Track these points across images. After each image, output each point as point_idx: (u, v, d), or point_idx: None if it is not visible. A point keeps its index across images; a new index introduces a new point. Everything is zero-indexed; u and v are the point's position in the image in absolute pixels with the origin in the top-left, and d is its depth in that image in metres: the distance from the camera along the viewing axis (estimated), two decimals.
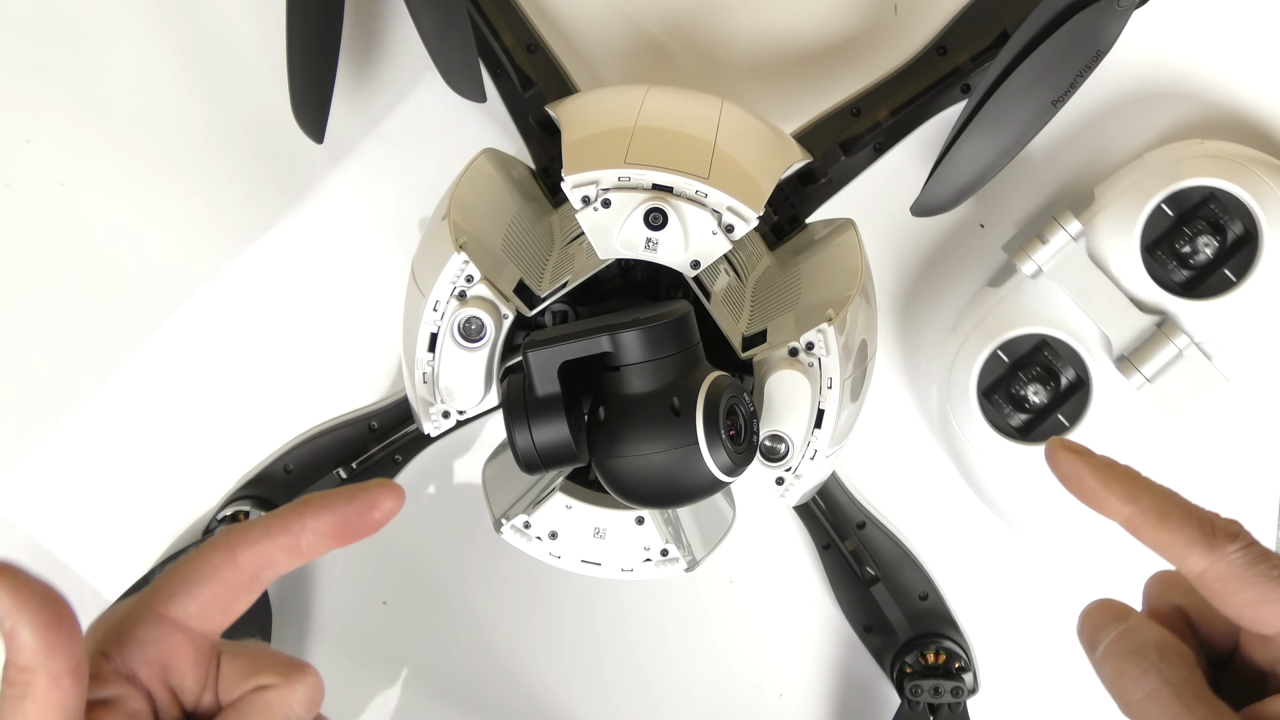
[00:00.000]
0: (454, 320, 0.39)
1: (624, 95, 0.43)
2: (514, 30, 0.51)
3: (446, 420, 0.41)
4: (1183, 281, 0.49)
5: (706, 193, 0.38)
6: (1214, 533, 0.30)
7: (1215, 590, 0.30)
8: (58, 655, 0.27)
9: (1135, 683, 0.30)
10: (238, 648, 0.32)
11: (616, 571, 0.42)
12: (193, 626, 0.31)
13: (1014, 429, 0.51)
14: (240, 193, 0.55)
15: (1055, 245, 0.49)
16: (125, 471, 0.56)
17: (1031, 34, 0.45)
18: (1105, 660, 0.31)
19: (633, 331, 0.36)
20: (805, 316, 0.39)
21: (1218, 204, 0.49)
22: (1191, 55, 0.52)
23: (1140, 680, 0.30)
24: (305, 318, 0.55)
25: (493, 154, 0.46)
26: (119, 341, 0.55)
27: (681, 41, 0.53)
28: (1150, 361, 0.48)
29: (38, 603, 0.27)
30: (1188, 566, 0.30)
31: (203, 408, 0.56)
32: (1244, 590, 0.29)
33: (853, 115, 0.49)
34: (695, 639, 0.56)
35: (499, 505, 0.43)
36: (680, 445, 0.35)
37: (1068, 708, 0.55)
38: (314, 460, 0.54)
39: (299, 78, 0.50)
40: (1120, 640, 0.31)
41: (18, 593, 0.27)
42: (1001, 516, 0.53)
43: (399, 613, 0.57)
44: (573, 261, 0.41)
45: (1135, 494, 0.31)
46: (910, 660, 0.52)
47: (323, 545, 0.32)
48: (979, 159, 0.46)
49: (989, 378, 0.51)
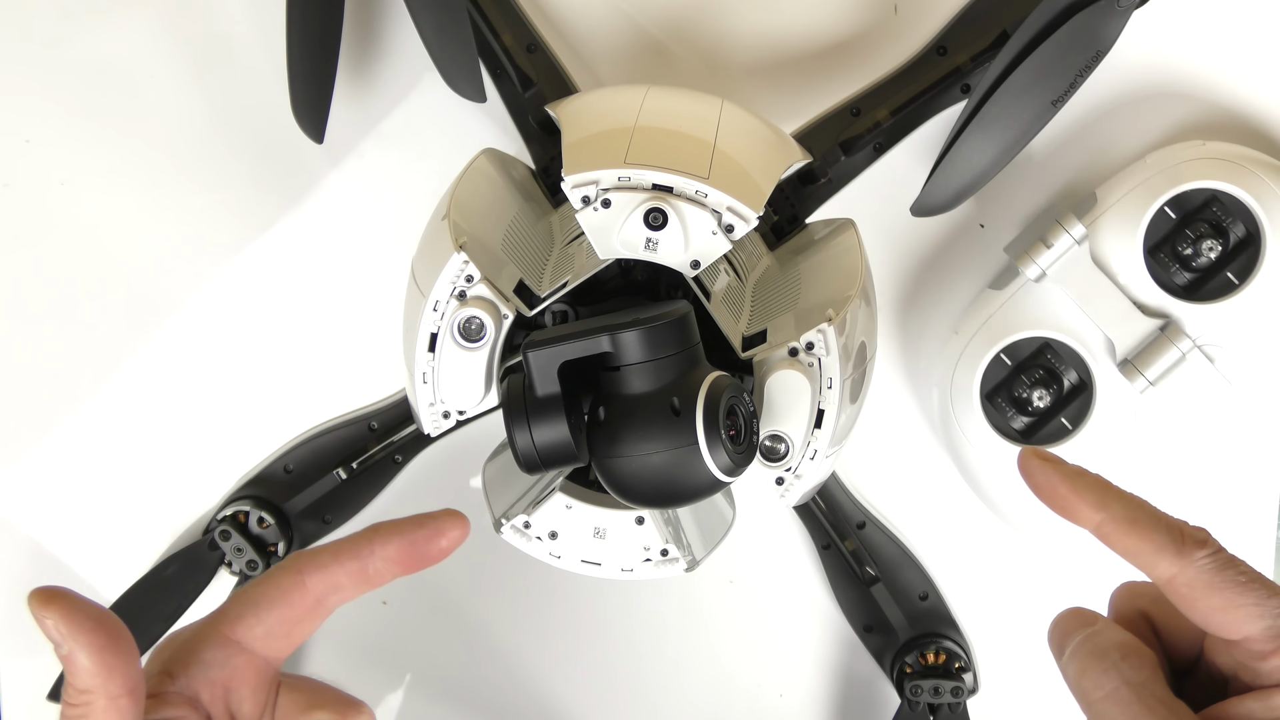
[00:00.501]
0: (454, 320, 0.39)
1: (624, 95, 0.43)
2: (514, 30, 0.51)
3: (446, 420, 0.41)
4: (1185, 284, 0.49)
5: (706, 193, 0.38)
6: (1183, 539, 0.30)
7: (1183, 596, 0.30)
8: (115, 677, 0.28)
9: (1096, 681, 0.31)
10: (298, 681, 0.33)
11: (616, 571, 0.42)
12: (257, 650, 0.32)
13: (1016, 432, 0.51)
14: (240, 192, 0.55)
15: (1059, 249, 0.49)
16: (125, 471, 0.56)
17: (1031, 34, 0.45)
18: (1070, 662, 0.32)
19: (633, 331, 0.36)
20: (805, 316, 0.39)
21: (1220, 206, 0.49)
22: (1193, 56, 0.52)
23: (1101, 679, 0.30)
24: (305, 317, 0.55)
25: (493, 154, 0.46)
26: (119, 341, 0.55)
27: (682, 41, 0.53)
28: (1154, 365, 0.48)
29: (92, 626, 0.28)
30: (1157, 572, 0.31)
31: (203, 407, 0.56)
32: (1211, 596, 0.30)
33: (853, 115, 0.49)
34: (695, 639, 0.56)
35: (499, 505, 0.43)
36: (680, 445, 0.35)
37: (1068, 708, 0.55)
38: (314, 460, 0.54)
39: (299, 78, 0.50)
40: (1085, 642, 0.32)
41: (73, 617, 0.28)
42: (1002, 518, 0.53)
43: (399, 613, 0.57)
44: (573, 261, 0.41)
45: (1106, 501, 0.31)
46: (910, 660, 0.52)
47: (390, 572, 0.32)
48: (979, 159, 0.46)
49: (992, 380, 0.50)
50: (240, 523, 0.53)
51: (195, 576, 0.53)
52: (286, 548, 0.54)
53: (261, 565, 0.54)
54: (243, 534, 0.53)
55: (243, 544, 0.53)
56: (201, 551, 0.53)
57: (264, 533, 0.53)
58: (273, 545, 0.54)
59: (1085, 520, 0.32)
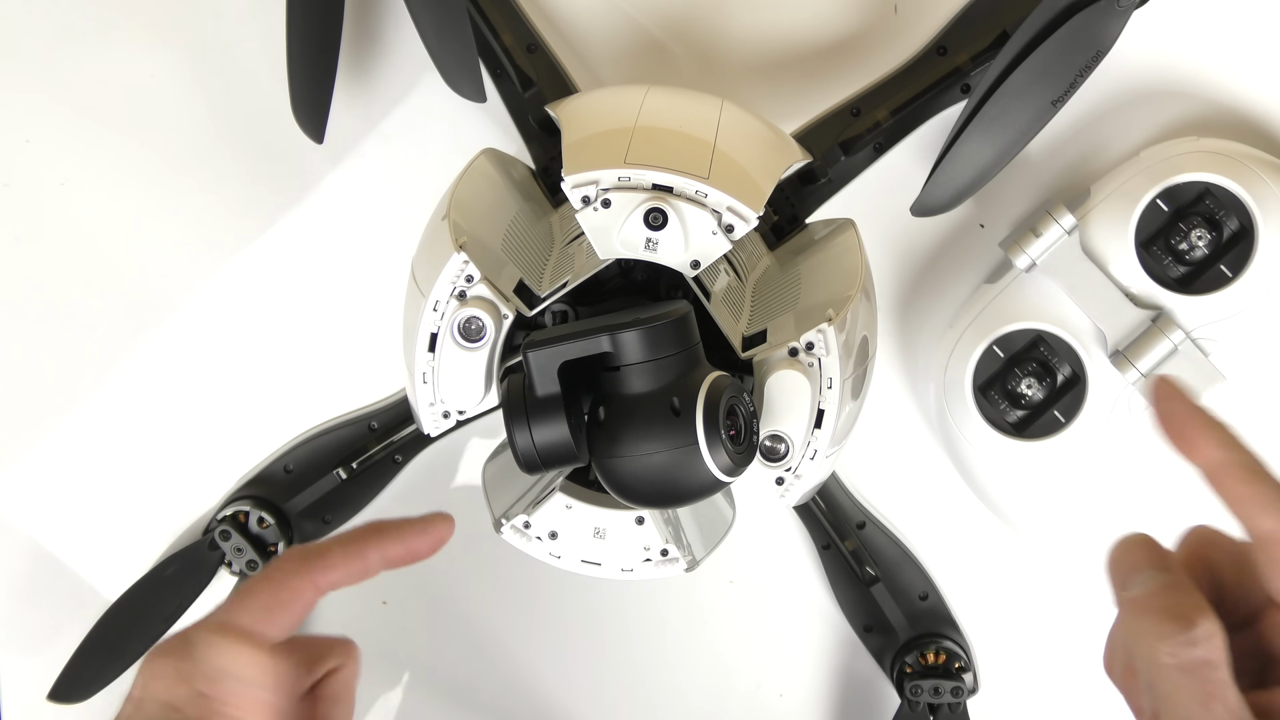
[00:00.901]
0: (454, 320, 0.39)
1: (624, 95, 0.43)
2: (514, 30, 0.51)
3: (446, 420, 0.41)
4: (1178, 277, 0.49)
5: (706, 193, 0.38)
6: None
7: (1275, 556, 0.29)
8: None
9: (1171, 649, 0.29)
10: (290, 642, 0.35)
11: (616, 571, 0.42)
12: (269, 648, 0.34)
13: (1010, 425, 0.51)
14: (240, 192, 0.55)
15: (1049, 239, 0.49)
16: (125, 471, 0.56)
17: (1031, 34, 0.45)
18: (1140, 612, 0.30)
19: (633, 331, 0.36)
20: (805, 316, 0.39)
21: (1213, 199, 0.49)
22: (1188, 54, 0.52)
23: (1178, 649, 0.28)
24: (305, 317, 0.55)
25: (493, 154, 0.46)
26: (119, 341, 0.55)
27: (682, 41, 0.53)
28: (1145, 357, 0.48)
29: None
30: (1259, 526, 0.29)
31: (202, 407, 0.56)
32: None
33: (853, 115, 0.49)
34: (695, 639, 0.56)
35: (499, 505, 0.43)
36: (680, 445, 0.35)
37: (1068, 708, 0.55)
38: (314, 460, 0.54)
39: (299, 78, 0.50)
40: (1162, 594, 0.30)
41: None
42: (999, 514, 0.53)
43: (399, 613, 0.57)
44: (573, 261, 0.41)
45: (1230, 443, 0.31)
46: (910, 660, 0.52)
47: (381, 569, 0.36)
48: (979, 159, 0.46)
49: (985, 373, 0.50)
50: (240, 523, 0.53)
51: (195, 576, 0.53)
52: (286, 548, 0.54)
53: (261, 565, 0.54)
54: (243, 534, 0.53)
55: (243, 544, 0.53)
56: (202, 552, 0.53)
57: (264, 533, 0.53)
58: (272, 545, 0.54)
59: (1204, 456, 0.31)
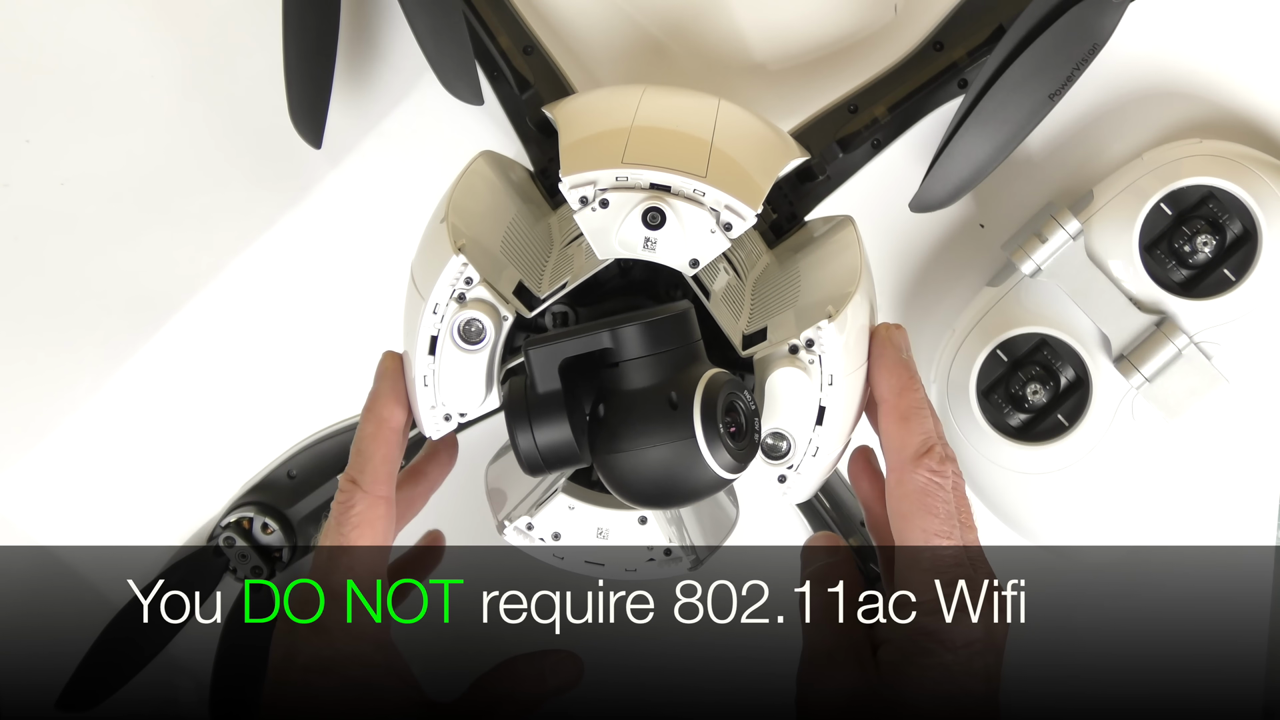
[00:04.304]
0: (454, 323, 0.39)
1: (620, 95, 0.43)
2: (510, 32, 0.51)
3: (448, 423, 0.41)
4: (1182, 281, 0.49)
5: (704, 191, 0.38)
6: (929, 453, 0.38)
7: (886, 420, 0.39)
8: None
9: None
10: None
11: (620, 572, 0.42)
12: None
13: (1013, 429, 0.50)
14: (240, 193, 0.55)
15: (1054, 244, 0.49)
16: (125, 472, 0.56)
17: (1027, 28, 0.45)
18: None
19: (633, 326, 0.36)
20: (805, 314, 0.39)
21: (1216, 203, 0.48)
22: (1190, 55, 0.52)
23: None
24: (305, 321, 0.55)
25: (490, 156, 0.46)
26: (119, 342, 0.55)
27: (678, 40, 0.53)
28: (1150, 361, 0.48)
29: None
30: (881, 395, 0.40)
31: (203, 411, 0.56)
32: None
33: (850, 112, 0.49)
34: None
35: (501, 507, 0.43)
36: (677, 439, 0.35)
37: (1067, 707, 0.55)
38: (317, 465, 0.54)
39: (296, 84, 0.50)
40: None
41: None
42: (1001, 516, 0.53)
43: (398, 612, 0.56)
44: (572, 262, 0.41)
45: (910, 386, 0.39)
46: None
47: None
48: (977, 154, 0.46)
49: (988, 377, 0.50)
50: (245, 529, 0.53)
51: (201, 582, 0.53)
52: (291, 553, 0.54)
53: (266, 571, 0.54)
54: (247, 540, 0.53)
55: (247, 550, 0.53)
56: (207, 558, 0.53)
57: (268, 539, 0.54)
58: (277, 551, 0.54)
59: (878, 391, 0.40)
